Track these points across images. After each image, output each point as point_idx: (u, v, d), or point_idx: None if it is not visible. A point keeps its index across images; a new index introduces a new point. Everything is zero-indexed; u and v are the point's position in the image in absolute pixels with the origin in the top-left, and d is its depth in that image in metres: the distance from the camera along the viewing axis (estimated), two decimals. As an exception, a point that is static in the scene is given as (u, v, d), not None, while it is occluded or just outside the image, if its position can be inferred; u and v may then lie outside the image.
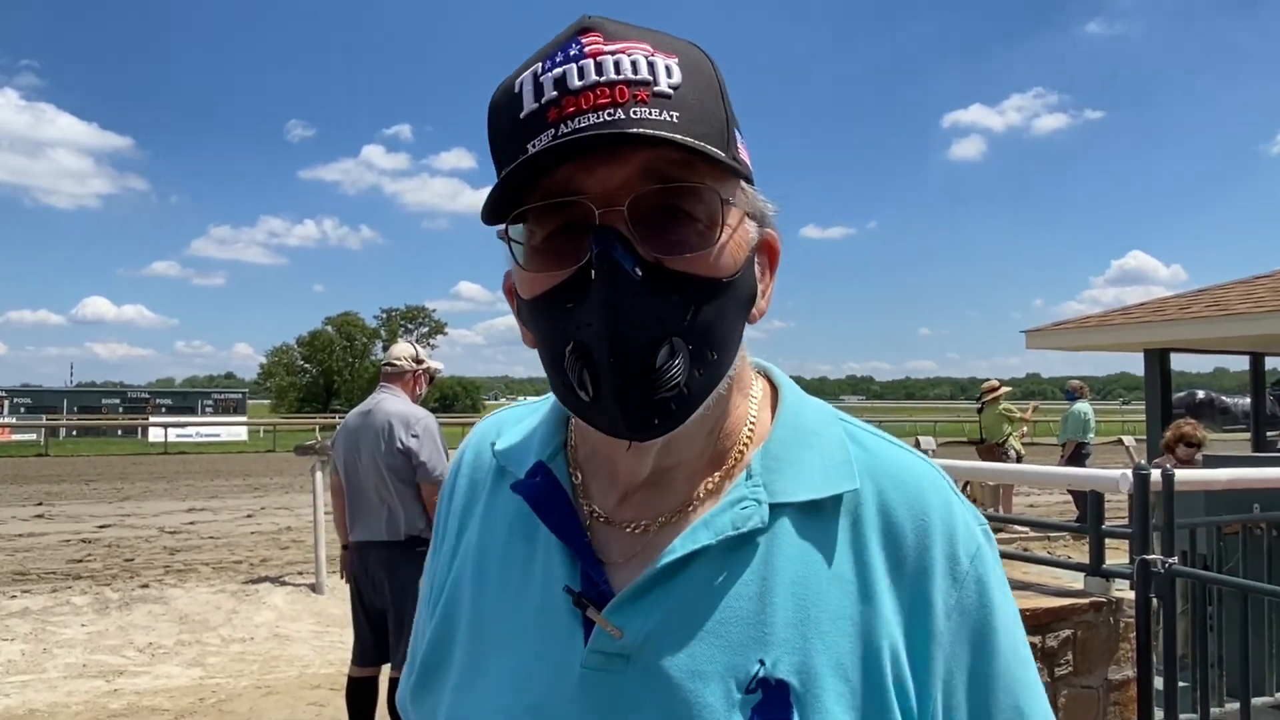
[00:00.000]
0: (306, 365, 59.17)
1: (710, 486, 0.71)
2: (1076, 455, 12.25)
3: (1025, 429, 13.13)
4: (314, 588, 8.68)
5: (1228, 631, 4.38)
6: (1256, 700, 4.27)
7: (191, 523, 13.52)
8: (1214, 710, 3.68)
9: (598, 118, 0.61)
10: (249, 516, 14.23)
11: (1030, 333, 8.70)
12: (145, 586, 8.99)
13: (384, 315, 62.27)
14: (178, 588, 8.92)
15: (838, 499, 0.69)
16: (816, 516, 0.68)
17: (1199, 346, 7.92)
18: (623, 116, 0.61)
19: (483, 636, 0.74)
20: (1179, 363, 8.25)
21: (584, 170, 0.62)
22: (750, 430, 0.74)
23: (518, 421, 0.84)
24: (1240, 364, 8.51)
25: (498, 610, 0.74)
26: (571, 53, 0.63)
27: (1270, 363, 8.40)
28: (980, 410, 12.65)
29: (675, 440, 0.67)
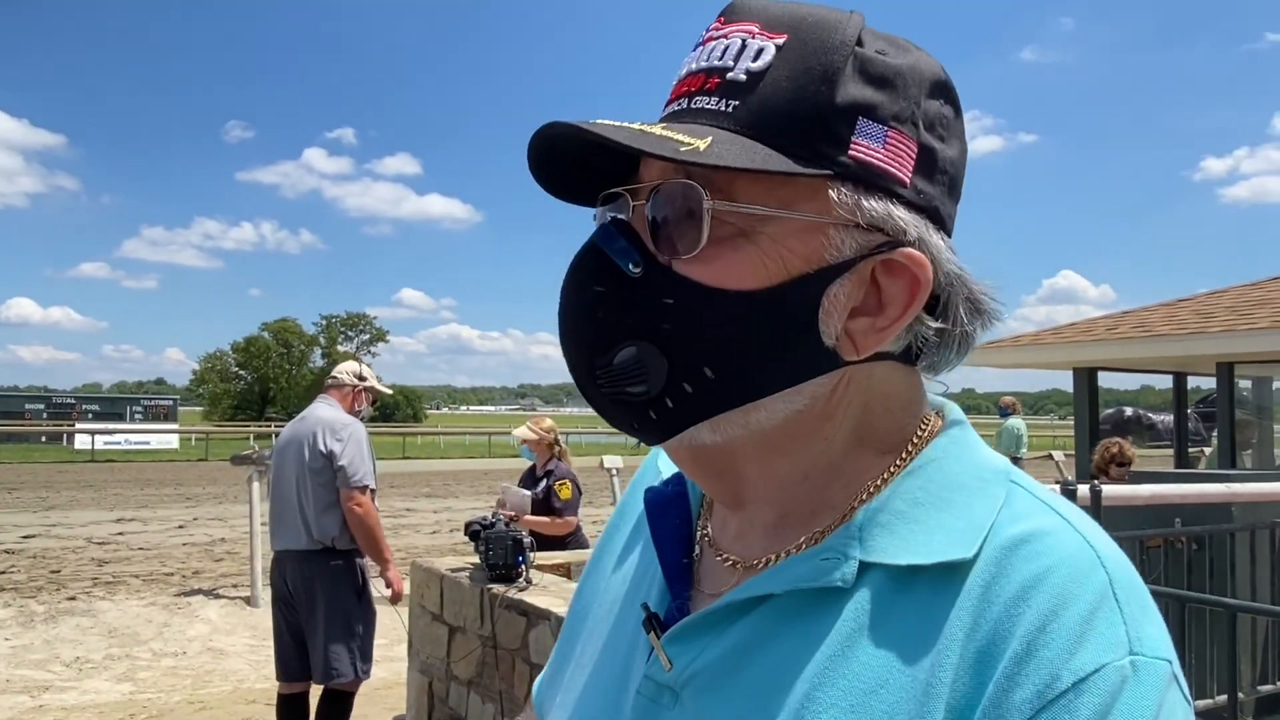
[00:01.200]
0: (241, 372, 57.93)
1: (812, 537, 0.61)
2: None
3: None
4: (249, 600, 8.55)
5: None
6: (1195, 703, 4.43)
7: (121, 533, 13.23)
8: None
9: (674, 108, 0.60)
10: (181, 527, 13.93)
11: (966, 351, 8.92)
12: (72, 599, 8.79)
13: (323, 322, 61.35)
14: (106, 600, 8.75)
15: (946, 569, 0.54)
16: (915, 587, 0.55)
17: (1125, 366, 8.20)
18: (683, 109, 0.59)
19: (593, 635, 0.71)
20: (1107, 380, 8.53)
21: (646, 163, 0.60)
22: (883, 481, 0.61)
23: None
24: (1165, 382, 8.83)
25: (611, 613, 0.71)
26: (700, 38, 0.61)
27: (1192, 381, 8.71)
28: None
29: (731, 466, 0.61)
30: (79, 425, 37.27)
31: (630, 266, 0.57)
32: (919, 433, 0.63)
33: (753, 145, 0.55)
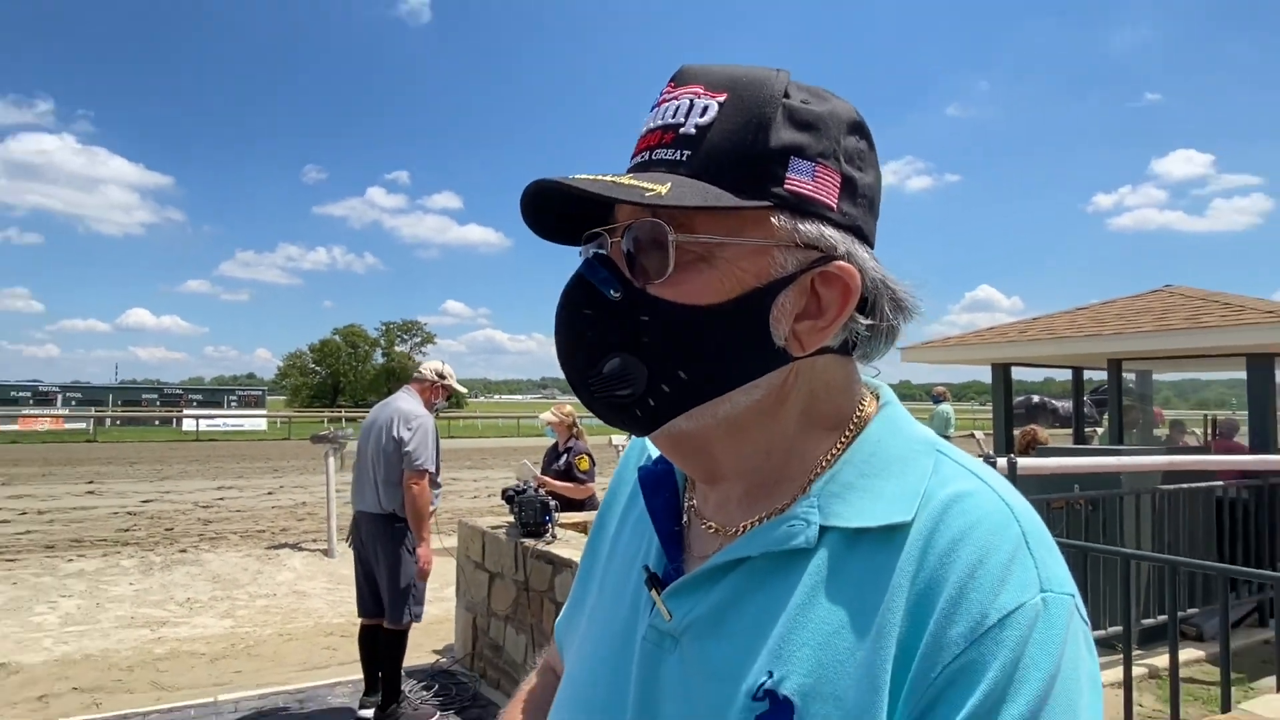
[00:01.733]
0: (317, 368, 57.72)
1: (779, 508, 0.60)
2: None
3: None
4: (326, 552, 8.51)
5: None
6: (1094, 633, 4.45)
7: (221, 498, 13.14)
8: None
9: (637, 159, 0.60)
10: (269, 494, 13.84)
11: (904, 349, 8.90)
12: (183, 551, 8.74)
13: (383, 327, 61.06)
14: (210, 552, 8.70)
15: (890, 529, 0.54)
16: (865, 545, 0.55)
17: (1033, 362, 8.20)
18: (643, 159, 0.59)
19: (603, 596, 0.70)
20: (1018, 373, 8.53)
21: (621, 206, 0.59)
22: (831, 456, 0.61)
23: None
24: (1065, 375, 8.83)
25: (618, 578, 0.69)
26: (656, 99, 0.61)
27: (1088, 374, 8.71)
28: None
29: (705, 449, 0.61)
30: (185, 411, 37.19)
31: (611, 292, 0.57)
32: (859, 412, 0.63)
33: (705, 186, 0.55)
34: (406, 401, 4.15)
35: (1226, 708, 2.85)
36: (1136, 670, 4.51)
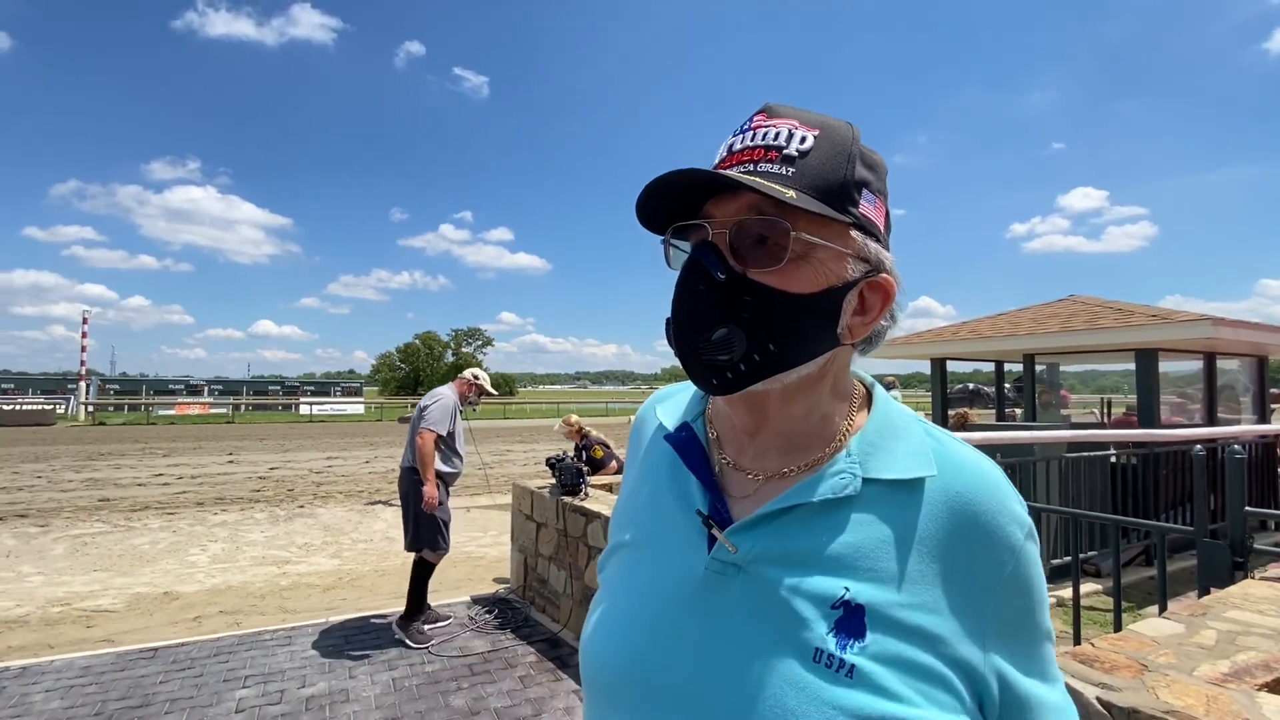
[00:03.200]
0: (402, 365, 58.15)
1: (815, 460, 0.59)
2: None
3: None
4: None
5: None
6: None
7: (329, 465, 13.27)
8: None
9: (739, 168, 0.56)
10: (366, 462, 13.95)
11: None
12: (301, 507, 8.82)
13: (453, 333, 61.44)
14: (322, 508, 8.76)
15: (919, 481, 0.56)
16: (901, 492, 0.55)
17: (963, 357, 8.10)
18: (750, 170, 0.55)
19: (642, 536, 0.65)
20: (952, 366, 8.43)
21: (714, 204, 0.56)
22: (848, 424, 0.60)
23: (675, 394, 0.73)
24: (989, 367, 8.71)
25: (652, 522, 0.65)
26: (746, 126, 0.58)
27: (1008, 366, 8.60)
28: None
29: (763, 407, 0.59)
30: (302, 399, 37.64)
31: (718, 274, 0.55)
32: (858, 390, 0.64)
33: (813, 199, 0.54)
34: (444, 388, 4.21)
35: (1118, 628, 2.81)
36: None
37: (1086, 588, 4.70)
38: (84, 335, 33.99)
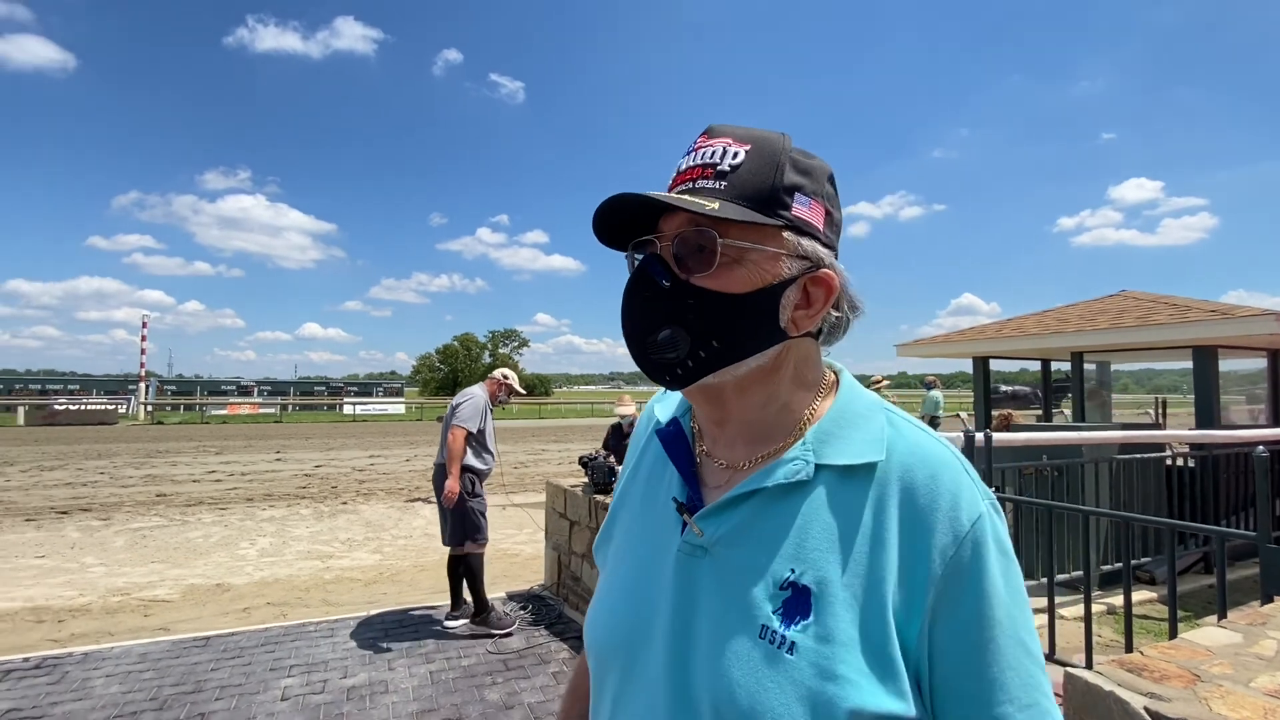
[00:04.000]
0: (441, 366, 59.30)
1: (776, 448, 0.62)
2: (929, 425, 12.03)
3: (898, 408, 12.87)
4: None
5: (1025, 535, 4.36)
6: (1059, 576, 4.26)
7: (372, 464, 13.54)
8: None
9: (681, 187, 0.61)
10: (408, 460, 14.21)
11: (899, 345, 8.63)
12: (344, 503, 9.03)
13: (490, 335, 62.39)
14: (364, 504, 8.97)
15: (870, 466, 0.58)
16: (852, 477, 0.58)
17: (1007, 355, 7.84)
18: (690, 188, 0.60)
19: (632, 523, 0.71)
20: (998, 365, 8.18)
21: (664, 220, 0.61)
22: (810, 412, 0.63)
23: (671, 394, 0.76)
24: (1035, 365, 8.42)
25: (641, 510, 0.70)
26: (690, 147, 0.63)
27: (1057, 365, 8.30)
28: None
29: (720, 399, 0.63)
30: (345, 399, 38.73)
31: (663, 282, 0.60)
32: (826, 380, 0.67)
33: (739, 208, 0.58)
34: (475, 387, 4.27)
35: (1173, 637, 2.69)
36: (1098, 607, 4.28)
37: (1140, 595, 4.50)
38: (143, 339, 35.68)
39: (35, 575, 5.61)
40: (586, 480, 4.51)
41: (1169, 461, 5.13)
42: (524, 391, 4.70)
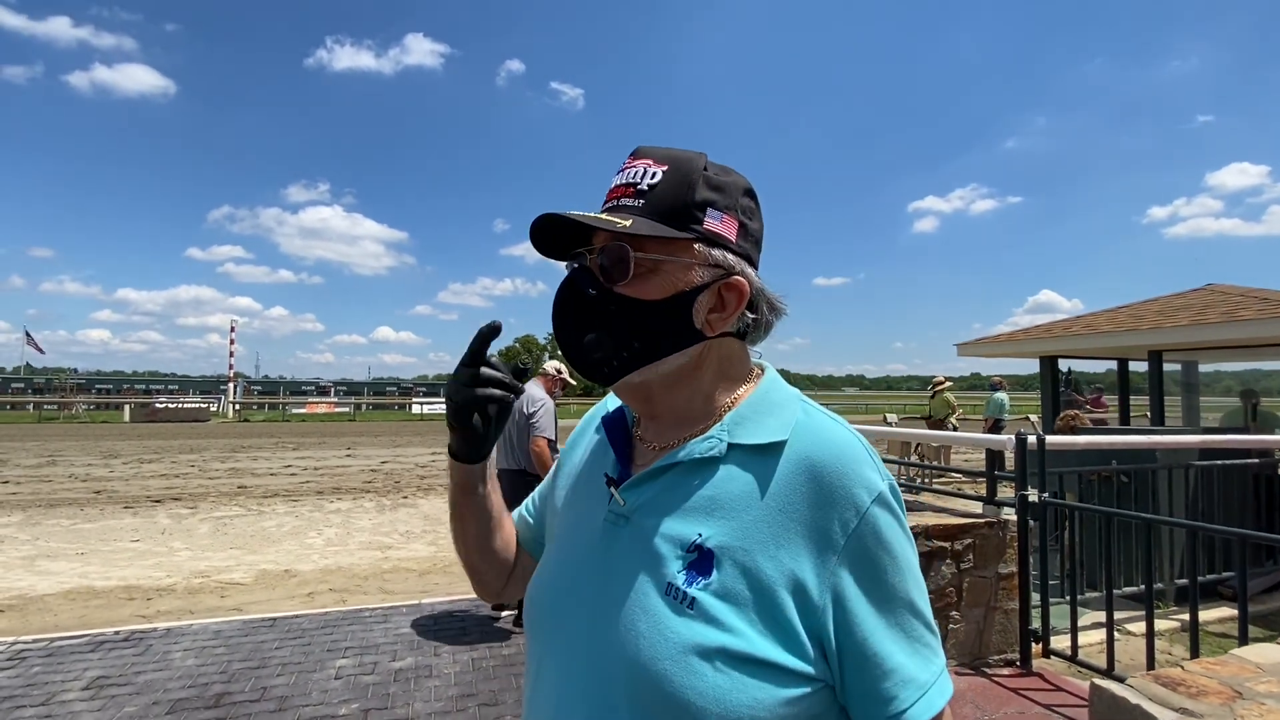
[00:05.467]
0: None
1: (697, 430, 0.67)
2: (995, 428, 11.43)
3: (960, 410, 12.39)
4: (502, 501, 8.96)
5: (1088, 543, 4.11)
6: (1127, 589, 4.01)
7: (434, 459, 13.95)
8: (1080, 596, 3.47)
9: (608, 205, 0.67)
10: (467, 458, 14.66)
11: (960, 345, 8.27)
12: (405, 498, 9.38)
13: (549, 336, 63.53)
14: (424, 500, 9.28)
15: (776, 445, 0.63)
16: (760, 456, 0.63)
17: (1077, 354, 7.39)
18: (614, 205, 0.66)
19: (571, 496, 0.76)
20: (1081, 365, 7.71)
21: (595, 234, 0.67)
22: (733, 402, 0.68)
23: None
24: (1139, 365, 7.85)
25: (581, 483, 0.75)
26: (620, 168, 0.69)
27: (1136, 365, 7.74)
28: (931, 397, 11.85)
29: (647, 395, 0.68)
30: (415, 399, 40.32)
31: (590, 290, 0.66)
32: (751, 376, 0.72)
33: (654, 223, 0.64)
34: (534, 389, 4.34)
35: (1241, 657, 2.48)
36: (1171, 624, 4.00)
37: (1218, 613, 4.17)
38: (231, 342, 38.32)
39: (130, 557, 6.15)
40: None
41: (1255, 470, 4.71)
42: (574, 382, 4.80)
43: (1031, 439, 3.46)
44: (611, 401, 0.79)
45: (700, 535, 0.61)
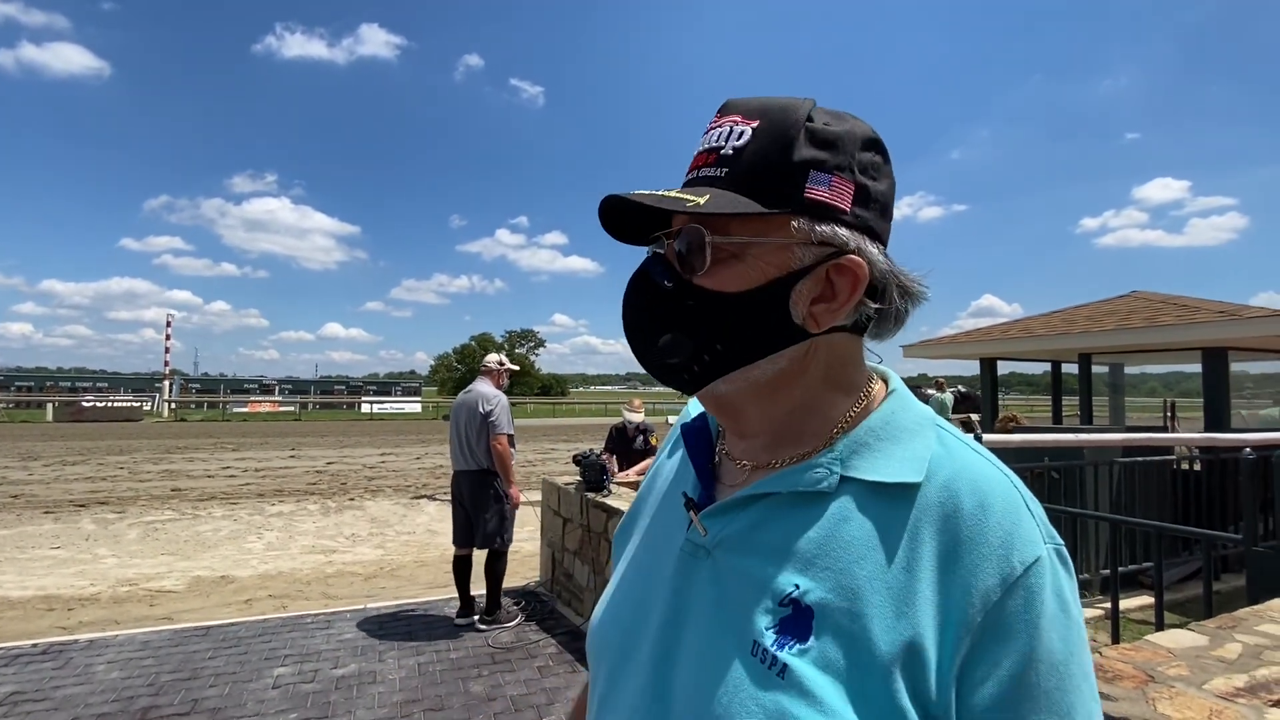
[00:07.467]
0: (459, 366, 59.82)
1: (801, 453, 0.56)
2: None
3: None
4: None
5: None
6: None
7: (382, 461, 13.65)
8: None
9: (690, 176, 0.56)
10: (418, 458, 14.30)
11: (905, 347, 8.54)
12: (351, 499, 9.14)
13: (508, 335, 62.78)
14: (371, 501, 9.06)
15: (905, 487, 0.51)
16: (884, 496, 0.51)
17: (1013, 356, 7.74)
18: (694, 176, 0.56)
19: (653, 512, 0.67)
20: (1020, 368, 8.07)
21: (674, 214, 0.57)
22: (848, 419, 0.56)
23: None
24: (1069, 368, 8.22)
25: (659, 506, 0.66)
26: (706, 128, 0.58)
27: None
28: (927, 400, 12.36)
29: (734, 407, 0.58)
30: (364, 398, 39.22)
31: (665, 283, 0.55)
32: (869, 385, 0.59)
33: (736, 197, 0.52)
34: (484, 386, 4.25)
35: (1156, 642, 2.64)
36: (1095, 612, 4.22)
37: (1139, 601, 4.42)
38: (167, 338, 36.44)
39: (49, 565, 5.78)
40: (578, 478, 4.54)
41: (1176, 466, 5.03)
42: (517, 368, 4.74)
43: (989, 438, 3.60)
44: (694, 405, 0.69)
45: (798, 587, 0.50)
